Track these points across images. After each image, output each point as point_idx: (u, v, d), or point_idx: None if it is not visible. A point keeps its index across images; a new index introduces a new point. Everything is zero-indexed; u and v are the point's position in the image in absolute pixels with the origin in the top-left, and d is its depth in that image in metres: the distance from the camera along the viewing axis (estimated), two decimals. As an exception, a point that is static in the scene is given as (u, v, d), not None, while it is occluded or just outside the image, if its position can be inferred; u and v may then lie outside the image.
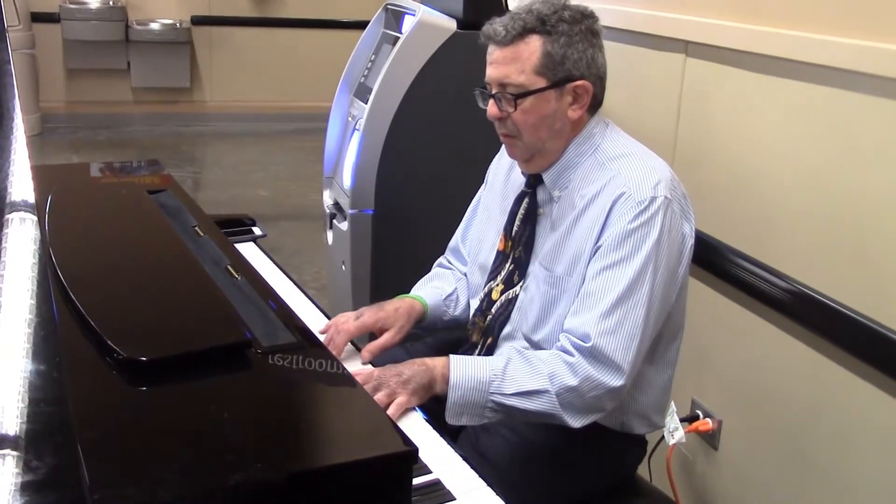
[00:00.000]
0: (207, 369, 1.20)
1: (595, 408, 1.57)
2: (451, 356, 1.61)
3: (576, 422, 1.56)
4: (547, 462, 1.67)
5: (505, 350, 1.63)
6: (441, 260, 2.03)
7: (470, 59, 2.05)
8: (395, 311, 1.79)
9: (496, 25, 1.64)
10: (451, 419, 1.58)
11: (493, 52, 1.65)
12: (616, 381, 1.54)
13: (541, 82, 1.62)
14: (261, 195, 5.65)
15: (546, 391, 1.54)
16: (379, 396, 1.51)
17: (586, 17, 1.66)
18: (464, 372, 1.57)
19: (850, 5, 1.73)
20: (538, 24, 1.61)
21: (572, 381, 1.53)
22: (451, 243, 2.02)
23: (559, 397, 1.54)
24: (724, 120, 2.10)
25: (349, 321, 1.75)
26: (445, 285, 1.93)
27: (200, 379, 1.19)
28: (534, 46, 1.61)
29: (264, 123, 7.43)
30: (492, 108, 1.66)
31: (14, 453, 0.93)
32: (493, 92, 1.65)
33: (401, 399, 1.52)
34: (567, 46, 1.61)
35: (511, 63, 1.62)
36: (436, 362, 1.59)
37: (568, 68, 1.62)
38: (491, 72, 1.66)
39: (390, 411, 1.49)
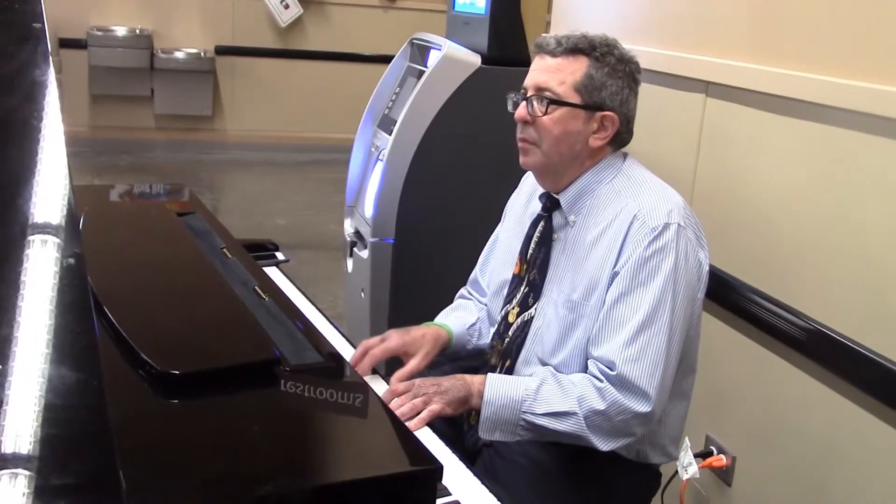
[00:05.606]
0: (237, 385, 1.24)
1: (624, 432, 1.61)
2: (489, 374, 1.68)
3: (603, 444, 1.61)
4: (563, 489, 1.69)
5: (539, 372, 1.68)
6: (462, 291, 2.07)
7: (493, 93, 2.10)
8: (421, 337, 1.83)
9: (549, 38, 1.71)
10: (483, 433, 1.65)
11: (540, 61, 1.72)
12: (643, 407, 1.58)
13: (576, 99, 1.68)
14: (279, 224, 5.70)
15: (574, 413, 1.59)
16: (416, 402, 1.59)
17: (632, 62, 1.74)
18: (498, 390, 1.64)
19: (868, 50, 1.77)
20: (589, 48, 1.69)
21: (600, 406, 1.58)
22: (472, 276, 2.06)
23: (587, 420, 1.59)
24: (743, 159, 2.13)
25: (375, 346, 1.78)
26: (468, 315, 1.97)
27: (230, 394, 1.22)
28: (580, 65, 1.68)
29: (284, 153, 7.51)
30: (521, 111, 1.72)
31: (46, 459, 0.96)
32: (529, 94, 1.71)
33: (434, 407, 1.60)
34: (609, 77, 1.69)
35: (555, 73, 1.69)
36: (474, 378, 1.67)
37: (603, 96, 1.69)
38: (532, 77, 1.72)
39: (422, 415, 1.57)
